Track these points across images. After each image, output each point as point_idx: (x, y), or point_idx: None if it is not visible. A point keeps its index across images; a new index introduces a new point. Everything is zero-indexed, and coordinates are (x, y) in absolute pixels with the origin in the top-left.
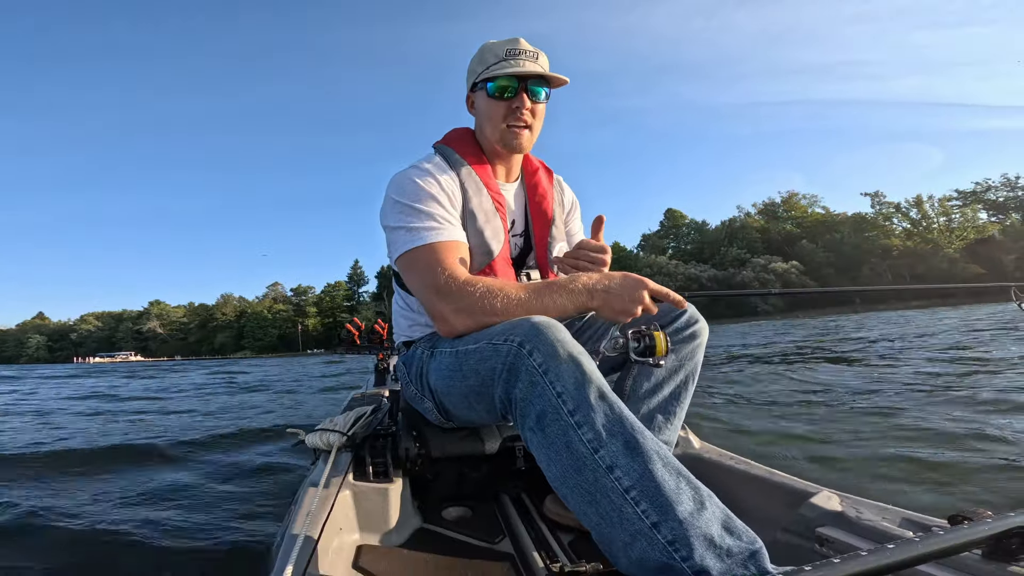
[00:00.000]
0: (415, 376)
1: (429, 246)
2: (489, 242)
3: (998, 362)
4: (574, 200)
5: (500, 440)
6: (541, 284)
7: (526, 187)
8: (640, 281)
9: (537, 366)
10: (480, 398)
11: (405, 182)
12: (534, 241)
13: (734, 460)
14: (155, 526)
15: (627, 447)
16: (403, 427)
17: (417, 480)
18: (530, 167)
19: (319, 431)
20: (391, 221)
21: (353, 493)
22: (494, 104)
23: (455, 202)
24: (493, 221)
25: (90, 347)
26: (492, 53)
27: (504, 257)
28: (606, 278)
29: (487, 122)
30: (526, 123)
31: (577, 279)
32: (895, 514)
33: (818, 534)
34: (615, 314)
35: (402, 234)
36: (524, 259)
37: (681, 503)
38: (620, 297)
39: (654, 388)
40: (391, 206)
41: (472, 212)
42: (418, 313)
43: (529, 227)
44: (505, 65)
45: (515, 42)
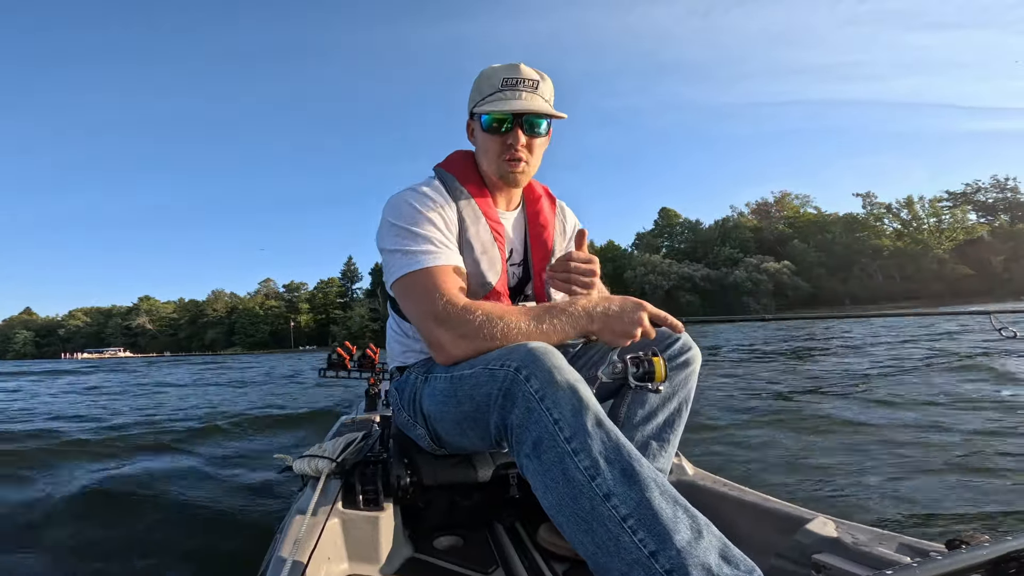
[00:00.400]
0: (408, 402)
1: (426, 270)
2: (485, 273)
3: (994, 374)
4: (576, 225)
5: (493, 467)
6: (541, 308)
7: (527, 215)
8: (639, 304)
9: (534, 392)
10: (475, 424)
11: (402, 205)
12: (532, 271)
13: (728, 487)
14: (131, 555)
15: (624, 475)
16: (394, 454)
17: (408, 508)
18: (532, 195)
19: (307, 457)
20: (387, 244)
21: (342, 521)
22: (489, 138)
23: (452, 228)
24: (490, 251)
25: (78, 343)
26: (489, 82)
27: (501, 288)
28: (606, 301)
29: (483, 155)
30: (521, 158)
31: (576, 303)
32: (891, 539)
33: (814, 561)
34: (615, 337)
35: (399, 257)
36: (522, 289)
37: (679, 532)
38: (620, 320)
39: (648, 415)
40: (387, 229)
41: (469, 242)
42: (413, 339)
43: (528, 257)
44: (500, 97)
45: (514, 69)
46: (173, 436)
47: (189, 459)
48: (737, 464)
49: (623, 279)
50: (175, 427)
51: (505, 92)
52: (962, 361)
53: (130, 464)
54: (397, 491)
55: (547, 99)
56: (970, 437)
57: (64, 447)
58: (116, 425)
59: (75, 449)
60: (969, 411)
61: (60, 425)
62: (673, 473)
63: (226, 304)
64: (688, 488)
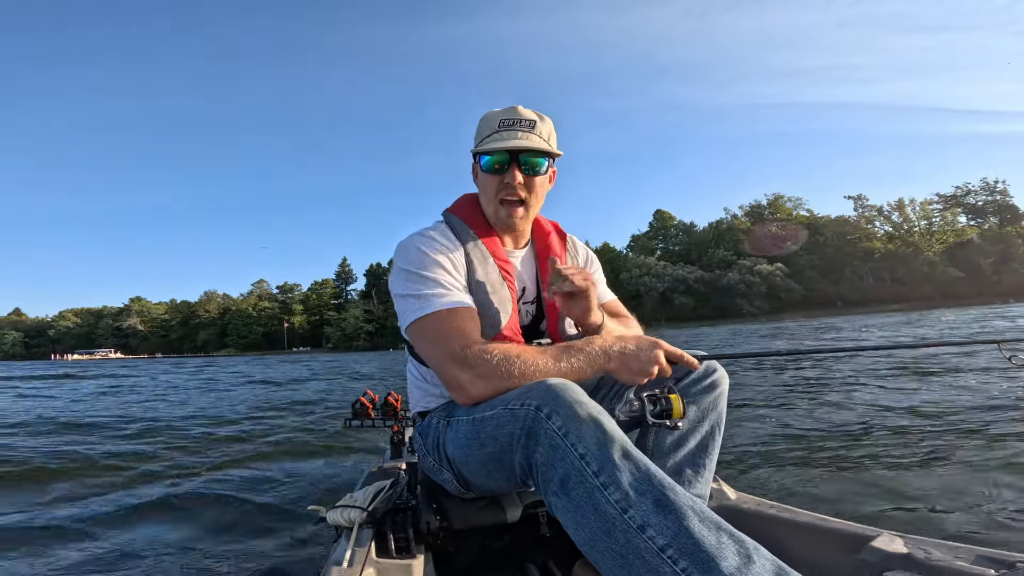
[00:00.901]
0: (432, 447)
1: (439, 313)
2: (496, 313)
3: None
4: (589, 257)
5: (522, 507)
6: (558, 348)
7: (537, 252)
8: (655, 343)
9: (557, 429)
10: (500, 465)
11: (411, 250)
12: (546, 309)
13: (776, 508)
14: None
15: (658, 504)
16: (423, 500)
17: (440, 554)
18: (541, 231)
19: (339, 507)
20: (399, 289)
21: (377, 571)
22: (487, 178)
23: (460, 271)
24: (500, 291)
25: (68, 344)
26: (487, 125)
27: (512, 328)
28: (622, 340)
29: (482, 196)
30: (519, 197)
31: (593, 342)
32: (968, 552)
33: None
34: (632, 375)
35: (412, 302)
36: (536, 327)
37: (725, 558)
38: (637, 358)
39: (679, 442)
40: (398, 274)
41: (478, 283)
42: (432, 384)
43: (540, 294)
44: (497, 138)
45: (512, 111)
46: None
47: (221, 510)
48: (780, 483)
49: (618, 281)
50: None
51: (502, 133)
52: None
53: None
54: (427, 537)
55: (545, 138)
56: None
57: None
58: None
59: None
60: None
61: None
62: (713, 499)
63: (219, 305)
64: (732, 513)
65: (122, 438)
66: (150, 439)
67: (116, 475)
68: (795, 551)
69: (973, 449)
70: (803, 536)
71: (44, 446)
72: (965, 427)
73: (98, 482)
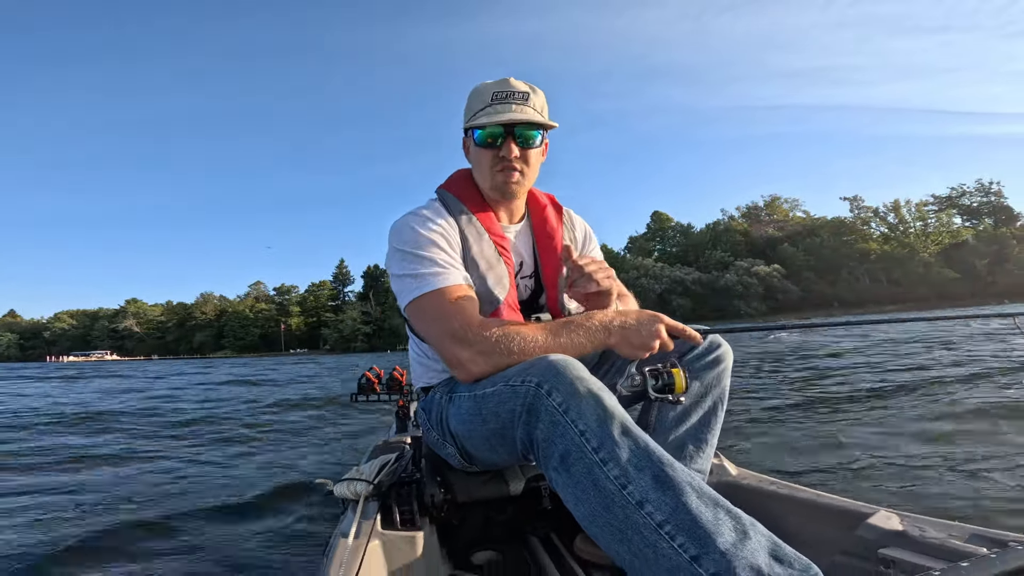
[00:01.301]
0: (436, 422)
1: (437, 291)
2: (493, 289)
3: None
4: (587, 232)
5: (524, 481)
6: (557, 323)
7: (533, 227)
8: (656, 317)
9: (557, 405)
10: (502, 440)
11: (405, 230)
12: (544, 282)
13: (776, 485)
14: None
15: (656, 480)
16: (427, 473)
17: (444, 526)
18: (537, 205)
19: (346, 480)
20: (396, 269)
21: (383, 542)
22: (482, 152)
23: (455, 247)
24: (496, 267)
25: (64, 346)
26: (480, 98)
27: (510, 303)
28: (622, 315)
29: (477, 170)
30: (516, 169)
31: (593, 316)
32: (963, 530)
33: (881, 555)
34: (633, 350)
35: (408, 282)
36: (535, 301)
37: (721, 534)
38: (638, 333)
39: (680, 417)
40: (394, 255)
41: (473, 260)
42: (433, 360)
43: (538, 268)
44: (491, 111)
45: (504, 84)
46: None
47: (234, 487)
48: (781, 460)
49: None
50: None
51: (496, 106)
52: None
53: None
54: (432, 509)
55: (538, 110)
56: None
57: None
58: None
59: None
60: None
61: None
62: (714, 474)
63: (215, 307)
64: (731, 489)
65: (132, 425)
66: (159, 422)
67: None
68: (792, 527)
69: (975, 427)
70: (801, 512)
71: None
72: (968, 405)
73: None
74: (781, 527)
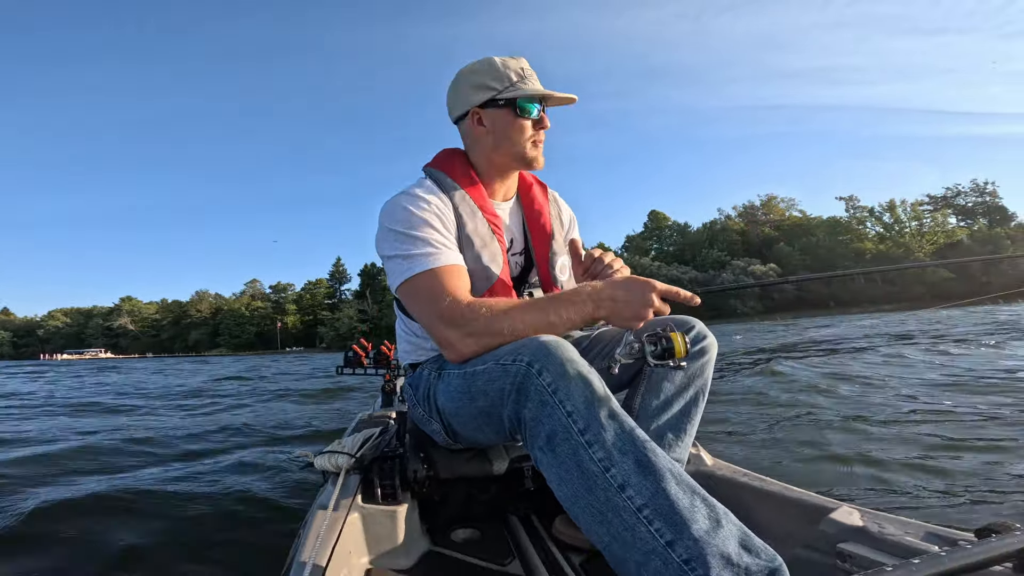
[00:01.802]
0: (422, 398)
1: (428, 272)
2: (488, 266)
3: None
4: (572, 216)
5: (508, 460)
6: (545, 299)
7: (522, 205)
8: (646, 283)
9: (546, 386)
10: (489, 419)
11: (397, 209)
12: (535, 258)
13: (748, 476)
14: (154, 551)
15: (639, 465)
16: (410, 449)
17: (425, 502)
18: (524, 183)
19: (327, 453)
20: (387, 250)
21: (362, 516)
22: (520, 122)
23: (450, 226)
24: (490, 244)
25: (58, 344)
26: (512, 71)
27: (504, 280)
28: (610, 285)
29: (506, 140)
30: (542, 141)
31: (581, 290)
32: (918, 528)
33: (839, 550)
34: (626, 321)
35: (399, 262)
36: (525, 278)
37: (696, 521)
38: (628, 303)
39: (663, 405)
40: (385, 235)
41: (468, 237)
42: (422, 338)
43: (529, 245)
44: (530, 85)
45: (525, 62)
46: (190, 437)
47: (214, 457)
48: (755, 453)
49: None
50: (194, 428)
51: (530, 81)
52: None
53: (151, 466)
54: (414, 485)
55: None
56: (991, 422)
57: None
58: (120, 427)
59: (77, 455)
60: (992, 393)
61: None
62: (691, 463)
63: (210, 305)
64: (706, 478)
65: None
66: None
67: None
68: (761, 518)
69: (945, 423)
70: (770, 504)
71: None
72: (945, 400)
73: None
74: (751, 517)
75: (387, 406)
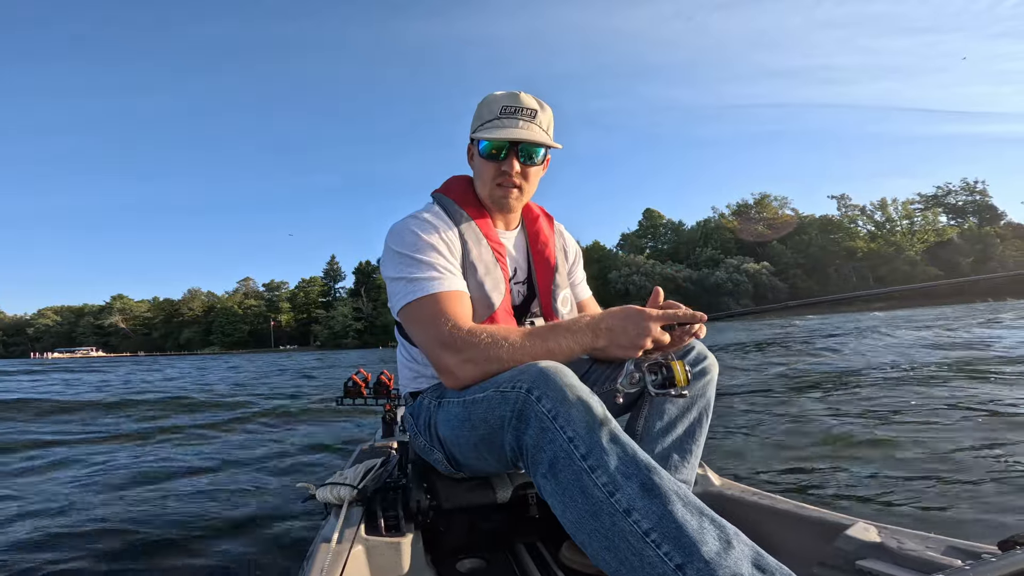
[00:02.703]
0: (423, 427)
1: (431, 297)
2: (490, 294)
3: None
4: (577, 250)
5: (512, 488)
6: (544, 328)
7: (527, 235)
8: (642, 312)
9: (547, 412)
10: (490, 447)
11: (404, 232)
12: (538, 288)
13: (758, 495)
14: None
15: (644, 489)
16: (413, 479)
17: (429, 532)
18: (530, 215)
19: (329, 485)
20: (391, 272)
21: (366, 548)
22: (485, 164)
23: (455, 253)
24: (494, 272)
25: (48, 342)
26: (488, 109)
27: (506, 308)
28: (609, 315)
29: (478, 180)
30: (516, 185)
31: (580, 319)
32: (939, 542)
33: (859, 567)
34: (623, 351)
35: (402, 285)
36: (527, 307)
37: (706, 543)
38: (625, 332)
39: (667, 427)
40: (390, 257)
41: (472, 264)
42: (423, 365)
43: (532, 274)
44: (498, 125)
45: (514, 98)
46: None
47: (209, 485)
48: (763, 470)
49: (608, 279)
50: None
51: (503, 120)
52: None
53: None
54: (417, 515)
55: (544, 128)
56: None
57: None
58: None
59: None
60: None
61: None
62: (698, 484)
63: (203, 303)
64: (715, 499)
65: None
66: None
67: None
68: (774, 537)
69: (957, 434)
70: (782, 523)
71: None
72: (951, 410)
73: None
74: (763, 537)
75: (388, 436)
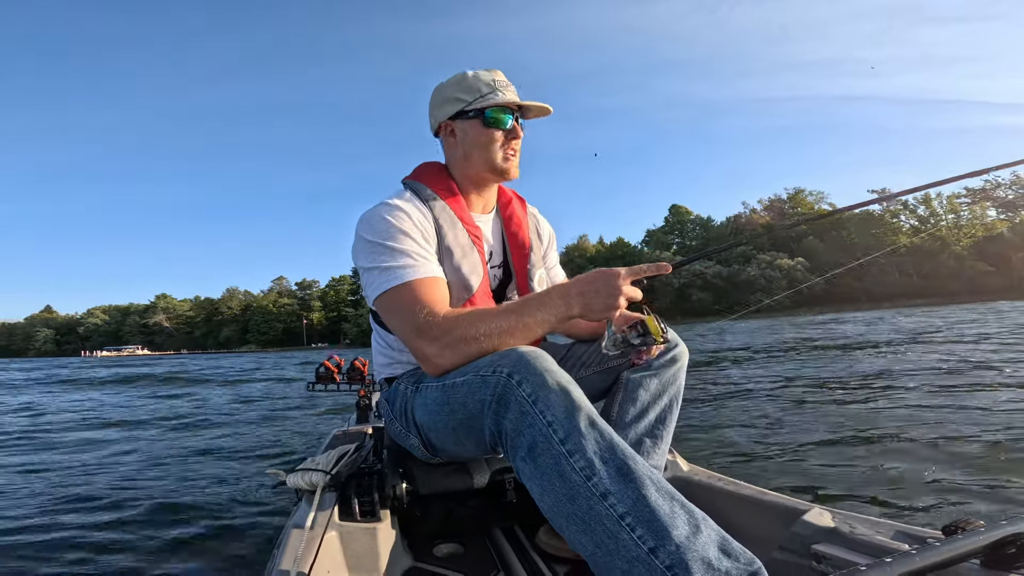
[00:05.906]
0: (399, 412)
1: (406, 285)
2: (468, 277)
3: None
4: (551, 233)
5: (489, 473)
6: (517, 303)
7: (502, 217)
8: (611, 273)
9: (527, 396)
10: (469, 431)
11: (375, 220)
12: (514, 271)
13: (723, 481)
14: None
15: (620, 473)
16: (389, 464)
17: (406, 518)
18: (503, 197)
19: (301, 471)
20: (364, 262)
21: (340, 534)
22: (491, 132)
23: (429, 237)
24: (470, 255)
25: (97, 341)
26: (483, 83)
27: (484, 291)
28: (577, 282)
29: (478, 151)
30: (517, 151)
31: (550, 291)
32: (888, 527)
33: (814, 551)
34: (599, 313)
35: (376, 274)
36: (504, 290)
37: (676, 527)
38: (597, 294)
39: (640, 413)
40: (362, 246)
41: (448, 248)
42: (398, 351)
43: (508, 257)
44: (501, 96)
45: (499, 74)
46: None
47: (185, 473)
48: (729, 458)
49: None
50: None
51: (502, 91)
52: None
53: (120, 481)
54: (393, 501)
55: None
56: (956, 422)
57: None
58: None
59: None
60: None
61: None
62: (668, 470)
63: (240, 302)
64: (683, 484)
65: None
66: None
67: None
68: (738, 521)
69: (915, 426)
70: (745, 508)
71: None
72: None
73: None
74: (727, 521)
75: (362, 421)
